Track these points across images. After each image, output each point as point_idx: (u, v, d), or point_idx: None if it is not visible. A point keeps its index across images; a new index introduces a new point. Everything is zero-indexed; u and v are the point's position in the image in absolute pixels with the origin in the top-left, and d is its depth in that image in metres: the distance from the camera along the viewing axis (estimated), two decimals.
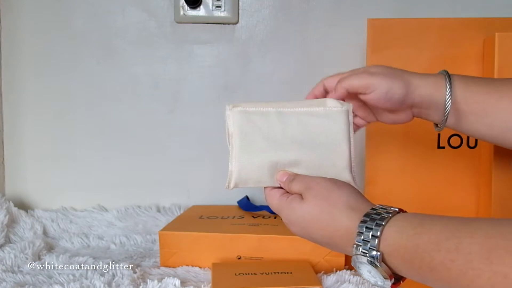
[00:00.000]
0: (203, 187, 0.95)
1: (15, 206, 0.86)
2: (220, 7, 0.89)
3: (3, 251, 0.73)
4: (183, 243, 0.69)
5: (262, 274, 0.61)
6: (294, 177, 0.48)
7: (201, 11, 0.90)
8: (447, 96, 0.48)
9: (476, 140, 0.73)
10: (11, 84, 0.92)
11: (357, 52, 0.89)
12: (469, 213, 0.73)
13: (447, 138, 0.73)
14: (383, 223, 0.38)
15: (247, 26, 0.92)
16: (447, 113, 0.48)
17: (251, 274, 0.61)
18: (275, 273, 0.61)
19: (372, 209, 0.41)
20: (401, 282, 0.40)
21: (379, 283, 0.40)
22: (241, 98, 0.93)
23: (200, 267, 0.68)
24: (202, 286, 0.60)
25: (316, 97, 0.54)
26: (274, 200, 0.48)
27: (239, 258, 0.68)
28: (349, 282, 0.60)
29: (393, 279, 0.39)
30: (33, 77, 0.92)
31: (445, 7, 0.90)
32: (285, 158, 0.49)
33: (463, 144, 0.73)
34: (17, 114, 0.93)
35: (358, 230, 0.40)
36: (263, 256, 0.67)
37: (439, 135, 0.73)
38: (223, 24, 0.91)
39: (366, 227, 0.39)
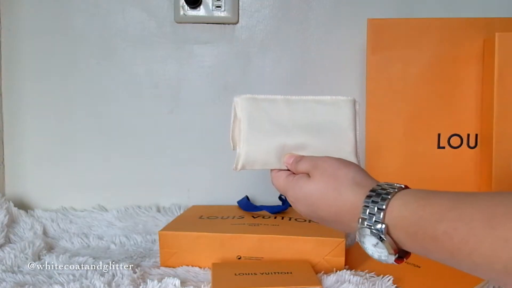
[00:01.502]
0: (203, 187, 0.95)
1: (15, 206, 0.86)
2: (220, 7, 0.89)
3: (3, 251, 0.73)
4: (183, 243, 0.69)
5: (262, 274, 0.61)
6: (301, 158, 0.49)
7: (201, 11, 0.90)
8: None
9: (476, 140, 0.73)
10: (11, 84, 0.92)
11: (357, 52, 0.89)
12: None
13: (447, 138, 0.73)
14: (389, 197, 0.39)
15: (247, 26, 0.92)
16: None
17: (251, 274, 0.61)
18: (275, 273, 0.61)
19: (378, 185, 0.42)
20: (405, 259, 0.41)
21: (383, 257, 0.40)
22: None
23: (200, 267, 0.68)
24: (202, 286, 0.60)
25: None
26: (280, 181, 0.49)
27: (239, 258, 0.68)
28: (349, 282, 0.60)
29: (396, 254, 0.40)
30: (33, 77, 0.92)
31: (445, 7, 0.90)
32: (292, 142, 0.50)
33: (463, 144, 0.73)
34: (17, 114, 0.93)
35: (363, 204, 0.40)
36: (263, 256, 0.67)
37: (439, 135, 0.73)
38: (223, 24, 0.91)
39: (372, 201, 0.40)
